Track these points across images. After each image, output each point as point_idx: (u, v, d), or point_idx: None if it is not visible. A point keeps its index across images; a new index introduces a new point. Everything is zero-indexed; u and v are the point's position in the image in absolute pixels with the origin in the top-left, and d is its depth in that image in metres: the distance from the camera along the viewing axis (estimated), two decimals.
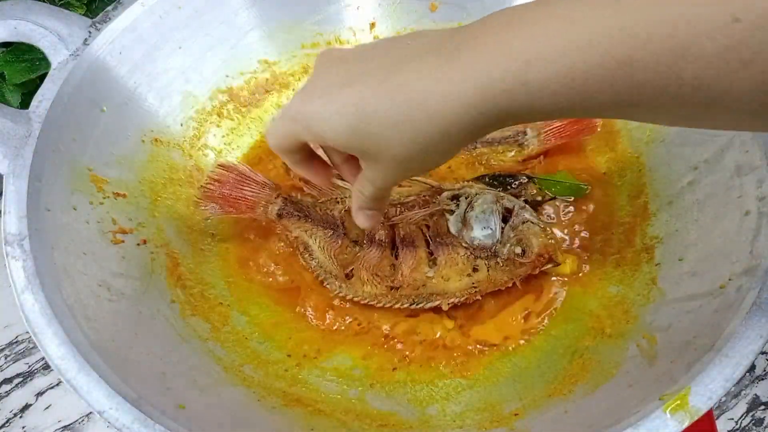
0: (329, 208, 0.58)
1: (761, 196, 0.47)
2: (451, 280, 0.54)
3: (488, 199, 0.56)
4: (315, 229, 0.57)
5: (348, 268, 0.56)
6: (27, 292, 0.42)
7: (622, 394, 0.44)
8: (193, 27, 0.63)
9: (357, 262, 0.56)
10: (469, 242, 0.55)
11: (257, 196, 0.58)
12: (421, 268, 0.55)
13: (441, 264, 0.55)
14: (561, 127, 0.63)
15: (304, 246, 0.57)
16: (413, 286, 0.54)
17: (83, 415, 0.60)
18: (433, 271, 0.55)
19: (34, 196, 0.46)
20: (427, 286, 0.54)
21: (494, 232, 0.54)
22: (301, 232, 0.57)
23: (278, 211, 0.57)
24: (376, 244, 0.56)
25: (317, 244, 0.56)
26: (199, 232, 0.61)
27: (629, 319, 0.51)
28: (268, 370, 0.53)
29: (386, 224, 0.56)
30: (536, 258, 0.53)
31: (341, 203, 0.58)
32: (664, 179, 0.57)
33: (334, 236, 0.57)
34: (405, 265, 0.55)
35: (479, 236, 0.54)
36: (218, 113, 0.67)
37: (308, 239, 0.56)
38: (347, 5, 0.70)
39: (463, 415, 0.50)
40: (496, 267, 0.54)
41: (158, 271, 0.55)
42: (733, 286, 0.44)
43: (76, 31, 0.55)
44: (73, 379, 0.40)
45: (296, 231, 0.57)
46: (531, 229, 0.54)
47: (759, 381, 0.62)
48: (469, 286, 0.54)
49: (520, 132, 0.64)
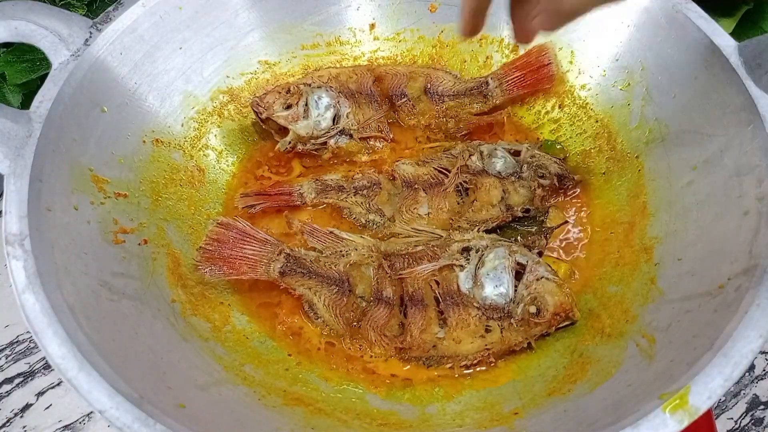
0: (334, 262, 0.55)
1: (761, 196, 0.47)
2: (463, 342, 0.51)
3: (500, 254, 0.53)
4: (319, 287, 0.54)
5: (354, 324, 0.54)
6: (28, 292, 0.42)
7: (622, 394, 0.44)
8: (193, 28, 0.63)
9: (364, 321, 0.54)
10: (481, 302, 0.52)
11: (259, 254, 0.55)
12: (431, 329, 0.52)
13: (452, 325, 0.52)
14: (521, 76, 0.66)
15: (309, 304, 0.55)
16: (423, 348, 0.52)
17: (84, 415, 0.60)
18: (444, 332, 0.52)
19: (34, 196, 0.47)
20: (438, 348, 0.52)
21: (507, 291, 0.52)
22: (305, 290, 0.55)
23: (281, 269, 0.54)
24: (383, 302, 0.54)
25: (322, 302, 0.54)
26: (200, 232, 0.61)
27: (628, 319, 0.51)
28: (269, 370, 0.53)
29: (394, 278, 0.54)
30: (552, 317, 0.51)
31: (346, 256, 0.56)
32: (664, 179, 0.57)
33: (339, 293, 0.54)
34: (414, 326, 0.52)
35: (491, 296, 0.52)
36: (219, 114, 0.67)
37: (313, 297, 0.54)
38: (347, 6, 0.70)
39: (462, 414, 0.50)
40: (509, 328, 0.52)
41: (159, 271, 0.55)
42: (733, 286, 0.44)
43: (77, 31, 0.55)
44: (73, 379, 0.40)
45: (300, 289, 0.55)
46: (546, 286, 0.51)
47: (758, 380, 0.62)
48: (482, 348, 0.52)
49: (482, 83, 0.67)
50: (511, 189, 0.60)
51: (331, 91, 0.65)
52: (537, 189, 0.60)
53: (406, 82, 0.67)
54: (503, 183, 0.60)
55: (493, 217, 0.60)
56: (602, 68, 0.65)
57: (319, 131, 0.64)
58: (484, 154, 0.61)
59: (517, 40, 0.46)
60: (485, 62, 0.71)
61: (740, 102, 0.51)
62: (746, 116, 0.50)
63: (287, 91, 0.64)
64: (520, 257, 0.53)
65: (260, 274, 0.55)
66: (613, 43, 0.64)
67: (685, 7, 0.57)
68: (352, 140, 0.65)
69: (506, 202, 0.60)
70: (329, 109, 0.64)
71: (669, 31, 0.58)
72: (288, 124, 0.63)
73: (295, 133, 0.64)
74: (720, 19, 0.67)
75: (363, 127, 0.65)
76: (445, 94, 0.67)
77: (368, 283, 0.54)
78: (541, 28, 0.42)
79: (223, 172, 0.65)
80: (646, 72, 0.61)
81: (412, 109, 0.67)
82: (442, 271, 0.54)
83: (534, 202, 0.61)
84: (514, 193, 0.60)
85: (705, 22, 0.56)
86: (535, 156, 0.62)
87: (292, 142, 0.64)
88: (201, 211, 0.62)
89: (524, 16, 0.43)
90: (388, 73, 0.68)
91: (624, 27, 0.62)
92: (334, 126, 0.64)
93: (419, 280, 0.54)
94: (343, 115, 0.64)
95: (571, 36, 0.66)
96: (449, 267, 0.54)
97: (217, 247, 0.55)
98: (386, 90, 0.67)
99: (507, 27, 0.69)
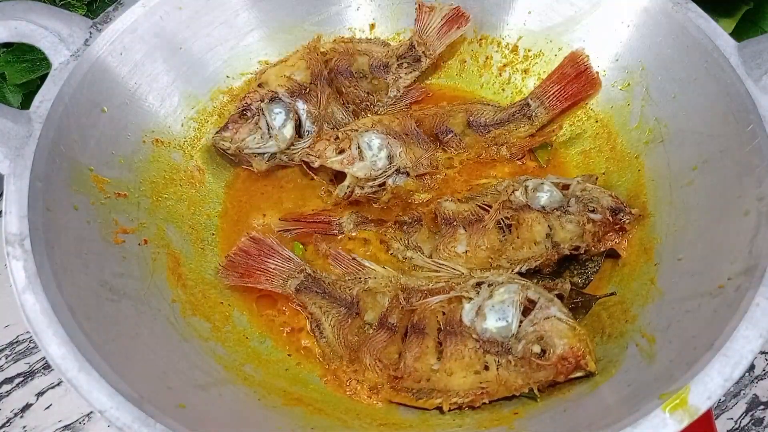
0: (350, 286, 0.56)
1: (761, 196, 0.47)
2: (455, 375, 0.48)
3: (511, 289, 0.50)
4: (329, 307, 0.55)
5: (355, 349, 0.53)
6: (28, 292, 0.42)
7: (622, 393, 0.44)
8: (193, 28, 0.63)
9: (364, 345, 0.53)
10: (480, 333, 0.49)
11: (280, 269, 0.56)
12: (427, 359, 0.50)
13: (446, 356, 0.49)
14: (560, 89, 0.65)
15: (317, 323, 0.55)
16: (415, 378, 0.50)
17: (84, 415, 0.60)
18: (439, 363, 0.49)
19: (35, 196, 0.47)
20: (431, 380, 0.49)
21: (509, 325, 0.48)
22: (316, 308, 0.55)
23: (297, 286, 0.55)
24: (386, 328, 0.52)
25: (329, 322, 0.54)
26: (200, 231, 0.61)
27: (628, 319, 0.51)
28: (269, 370, 0.53)
29: (405, 309, 0.53)
30: (559, 361, 0.46)
31: (363, 283, 0.56)
32: (664, 179, 0.57)
33: (346, 315, 0.54)
34: (409, 354, 0.50)
35: (491, 327, 0.49)
36: (219, 114, 0.67)
37: (321, 316, 0.55)
38: (347, 6, 0.70)
39: (462, 414, 0.50)
40: (508, 366, 0.48)
41: (159, 271, 0.55)
42: (733, 286, 0.44)
43: (77, 31, 0.55)
44: (73, 379, 0.40)
45: (311, 307, 0.55)
46: (555, 327, 0.47)
47: (758, 381, 0.62)
48: (476, 386, 0.48)
49: (523, 106, 0.66)
50: (556, 225, 0.55)
51: (380, 133, 0.63)
52: (587, 224, 0.55)
53: (447, 119, 0.66)
54: (548, 218, 0.56)
55: (536, 255, 0.55)
56: (602, 68, 0.65)
57: (376, 171, 0.61)
58: (529, 188, 0.58)
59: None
60: (485, 62, 0.71)
61: (740, 102, 0.51)
62: (746, 116, 0.50)
63: (335, 138, 0.62)
64: (532, 294, 0.50)
65: (276, 287, 0.56)
66: (613, 43, 0.64)
67: (685, 7, 0.57)
68: (408, 178, 0.63)
69: (552, 240, 0.55)
70: (382, 149, 0.62)
71: (669, 31, 0.58)
72: (344, 168, 0.61)
73: (353, 176, 0.61)
74: (720, 19, 0.67)
75: (416, 165, 0.63)
76: (489, 124, 0.66)
77: (380, 311, 0.54)
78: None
79: (223, 172, 0.65)
80: (646, 72, 0.61)
81: (459, 143, 0.66)
82: (451, 303, 0.52)
83: (584, 239, 0.56)
84: (560, 229, 0.55)
85: (705, 22, 0.56)
86: (586, 189, 0.58)
87: (351, 186, 0.61)
88: (201, 211, 0.62)
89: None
90: (426, 114, 0.67)
91: (624, 27, 0.62)
92: (391, 165, 0.62)
93: (426, 311, 0.52)
94: (396, 154, 0.62)
95: (571, 36, 0.66)
96: (458, 299, 0.51)
97: (243, 258, 0.57)
98: (429, 129, 0.66)
99: (507, 27, 0.69)
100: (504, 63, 0.70)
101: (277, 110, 0.63)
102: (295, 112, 0.64)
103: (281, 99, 0.63)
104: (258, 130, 0.62)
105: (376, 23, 0.71)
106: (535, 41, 0.68)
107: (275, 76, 0.65)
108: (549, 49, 0.68)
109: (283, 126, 0.62)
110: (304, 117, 0.64)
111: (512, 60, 0.70)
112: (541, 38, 0.68)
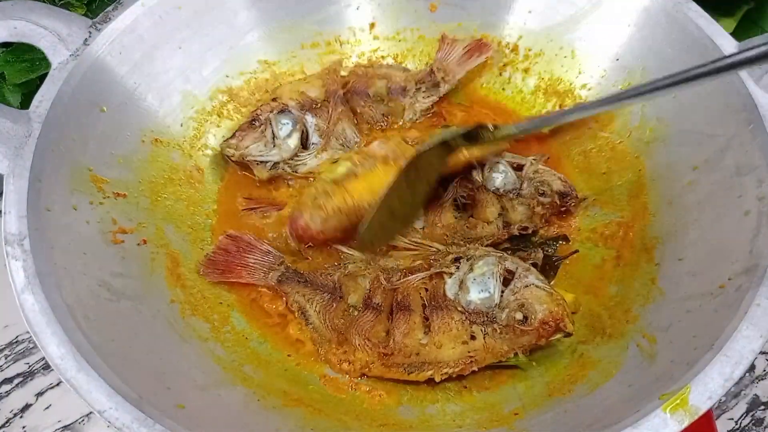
0: (330, 273, 0.57)
1: (761, 196, 0.47)
2: (444, 347, 0.50)
3: (489, 261, 0.52)
4: (312, 294, 0.56)
5: (342, 332, 0.54)
6: (27, 292, 0.42)
7: (622, 394, 0.44)
8: (193, 27, 0.63)
9: (351, 326, 0.54)
10: (465, 306, 0.51)
11: (260, 263, 0.58)
12: (415, 334, 0.51)
13: (434, 330, 0.51)
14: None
15: (302, 311, 0.56)
16: (405, 353, 0.51)
17: (83, 415, 0.60)
18: (427, 338, 0.51)
19: (34, 196, 0.46)
20: (420, 354, 0.51)
21: (492, 296, 0.51)
22: (299, 297, 0.56)
23: (279, 278, 0.57)
24: (372, 308, 0.54)
25: (314, 308, 0.55)
26: (199, 231, 0.61)
27: (629, 319, 0.51)
28: (268, 370, 0.53)
29: (388, 289, 0.54)
30: (540, 326, 0.49)
31: (343, 268, 0.57)
32: (664, 179, 0.57)
33: (330, 300, 0.55)
34: (398, 331, 0.52)
35: (475, 299, 0.51)
36: (218, 113, 0.67)
37: (306, 304, 0.56)
38: (347, 5, 0.70)
39: (462, 415, 0.50)
40: (493, 334, 0.50)
41: (158, 271, 0.55)
42: (733, 286, 0.44)
43: (76, 31, 0.55)
44: (72, 379, 0.40)
45: (294, 296, 0.56)
46: (535, 294, 0.50)
47: (759, 381, 0.62)
48: (465, 355, 0.50)
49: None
50: (509, 206, 0.59)
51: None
52: (536, 207, 0.59)
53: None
54: (501, 200, 0.59)
55: (488, 235, 0.58)
56: (602, 68, 0.65)
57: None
58: (485, 167, 0.60)
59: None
60: (485, 62, 0.70)
61: (740, 102, 0.51)
62: (746, 116, 0.50)
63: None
64: (510, 264, 0.52)
65: (258, 279, 0.57)
66: (614, 43, 0.63)
67: (685, 6, 0.57)
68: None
69: (504, 220, 0.59)
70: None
71: (669, 31, 0.58)
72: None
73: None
74: (720, 18, 0.67)
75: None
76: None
77: (362, 293, 0.55)
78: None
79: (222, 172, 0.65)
80: (646, 72, 0.61)
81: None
82: (433, 279, 0.54)
83: (533, 221, 0.59)
84: (511, 211, 0.59)
85: (705, 22, 0.55)
86: (538, 171, 0.60)
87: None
88: (200, 211, 0.62)
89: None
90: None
91: (624, 27, 0.62)
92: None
93: (409, 288, 0.54)
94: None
95: (572, 36, 0.66)
96: (439, 275, 0.53)
97: (223, 256, 0.58)
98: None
99: (507, 26, 0.69)
100: (504, 62, 0.70)
101: (284, 121, 0.63)
102: (302, 125, 0.64)
103: (290, 111, 0.64)
104: (263, 139, 0.63)
105: (376, 22, 0.71)
106: (536, 41, 0.68)
107: (289, 90, 0.66)
108: (549, 49, 0.68)
109: (288, 136, 0.63)
110: (311, 130, 0.65)
111: (513, 59, 0.70)
112: (542, 38, 0.68)
